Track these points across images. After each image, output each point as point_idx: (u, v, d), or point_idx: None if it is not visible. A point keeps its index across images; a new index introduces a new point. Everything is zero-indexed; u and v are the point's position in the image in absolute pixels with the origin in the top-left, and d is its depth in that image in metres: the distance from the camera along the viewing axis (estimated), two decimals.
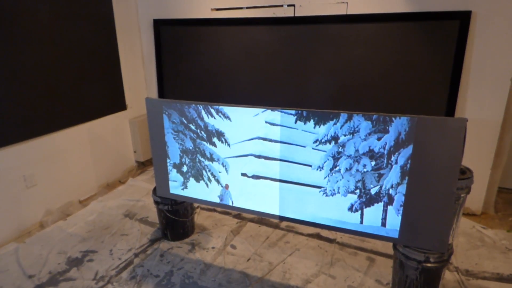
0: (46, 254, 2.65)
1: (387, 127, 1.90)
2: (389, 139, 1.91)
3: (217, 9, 3.53)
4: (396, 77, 2.96)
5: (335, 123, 2.01)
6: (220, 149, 2.39)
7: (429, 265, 1.98)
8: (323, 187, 2.15)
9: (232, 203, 2.47)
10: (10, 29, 2.67)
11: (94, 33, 3.38)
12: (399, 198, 1.98)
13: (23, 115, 2.84)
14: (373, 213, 2.07)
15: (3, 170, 2.78)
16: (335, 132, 2.03)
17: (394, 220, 2.02)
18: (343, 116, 1.98)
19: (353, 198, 2.10)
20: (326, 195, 2.16)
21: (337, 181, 2.11)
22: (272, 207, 2.35)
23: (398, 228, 2.03)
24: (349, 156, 2.04)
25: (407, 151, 1.88)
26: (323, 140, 2.07)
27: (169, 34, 3.79)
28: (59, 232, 2.94)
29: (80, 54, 3.26)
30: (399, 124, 1.87)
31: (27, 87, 2.84)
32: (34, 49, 2.86)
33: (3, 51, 2.64)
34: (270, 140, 2.21)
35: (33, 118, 2.93)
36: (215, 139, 2.38)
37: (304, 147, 2.13)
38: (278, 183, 2.28)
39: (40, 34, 2.89)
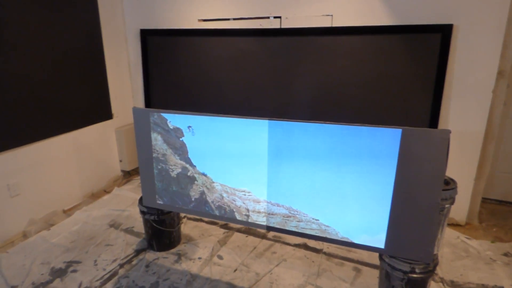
0: (29, 265, 2.59)
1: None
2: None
3: (204, 20, 3.56)
4: (380, 89, 3.02)
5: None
6: (207, 160, 2.38)
7: (414, 275, 1.99)
8: None
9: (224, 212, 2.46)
10: None
11: (80, 43, 3.36)
12: None
13: (8, 124, 2.80)
14: None
15: None
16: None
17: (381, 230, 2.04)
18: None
19: None
20: None
21: None
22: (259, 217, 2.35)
23: (384, 239, 2.05)
24: None
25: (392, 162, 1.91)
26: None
27: (156, 44, 3.79)
28: (42, 242, 2.87)
29: (66, 63, 3.24)
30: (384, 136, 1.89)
31: (13, 96, 2.80)
32: (20, 58, 2.83)
33: None
34: (258, 151, 2.22)
35: (19, 127, 2.89)
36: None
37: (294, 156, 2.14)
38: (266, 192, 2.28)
39: (27, 44, 2.86)
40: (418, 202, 1.90)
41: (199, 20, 3.58)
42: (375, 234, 2.05)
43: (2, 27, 2.67)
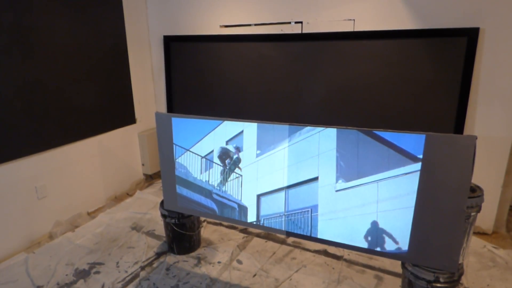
0: (55, 265, 2.67)
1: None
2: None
3: (226, 26, 3.60)
4: (404, 94, 2.97)
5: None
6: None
7: (439, 285, 1.94)
8: None
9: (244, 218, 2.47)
10: (27, 44, 2.76)
11: (106, 49, 3.46)
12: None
13: (36, 128, 2.90)
14: None
15: (16, 181, 2.83)
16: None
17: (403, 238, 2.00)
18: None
19: None
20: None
21: None
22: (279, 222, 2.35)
23: (407, 247, 2.00)
24: None
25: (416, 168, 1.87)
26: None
27: (179, 50, 3.86)
28: (67, 244, 2.96)
29: (92, 69, 3.34)
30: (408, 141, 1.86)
31: (40, 101, 2.91)
32: (47, 64, 2.93)
33: (19, 66, 2.72)
34: (279, 156, 2.22)
35: (46, 131, 2.99)
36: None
37: (314, 162, 2.13)
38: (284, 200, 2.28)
39: (54, 50, 2.97)
40: (442, 210, 1.86)
41: (221, 26, 3.63)
42: (397, 242, 2.01)
43: (31, 34, 2.78)
